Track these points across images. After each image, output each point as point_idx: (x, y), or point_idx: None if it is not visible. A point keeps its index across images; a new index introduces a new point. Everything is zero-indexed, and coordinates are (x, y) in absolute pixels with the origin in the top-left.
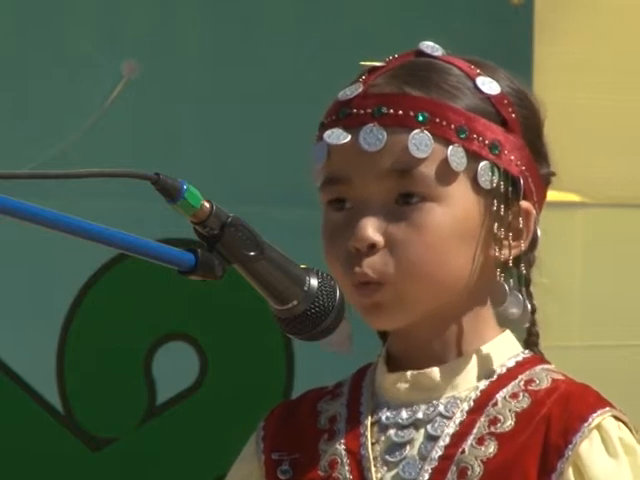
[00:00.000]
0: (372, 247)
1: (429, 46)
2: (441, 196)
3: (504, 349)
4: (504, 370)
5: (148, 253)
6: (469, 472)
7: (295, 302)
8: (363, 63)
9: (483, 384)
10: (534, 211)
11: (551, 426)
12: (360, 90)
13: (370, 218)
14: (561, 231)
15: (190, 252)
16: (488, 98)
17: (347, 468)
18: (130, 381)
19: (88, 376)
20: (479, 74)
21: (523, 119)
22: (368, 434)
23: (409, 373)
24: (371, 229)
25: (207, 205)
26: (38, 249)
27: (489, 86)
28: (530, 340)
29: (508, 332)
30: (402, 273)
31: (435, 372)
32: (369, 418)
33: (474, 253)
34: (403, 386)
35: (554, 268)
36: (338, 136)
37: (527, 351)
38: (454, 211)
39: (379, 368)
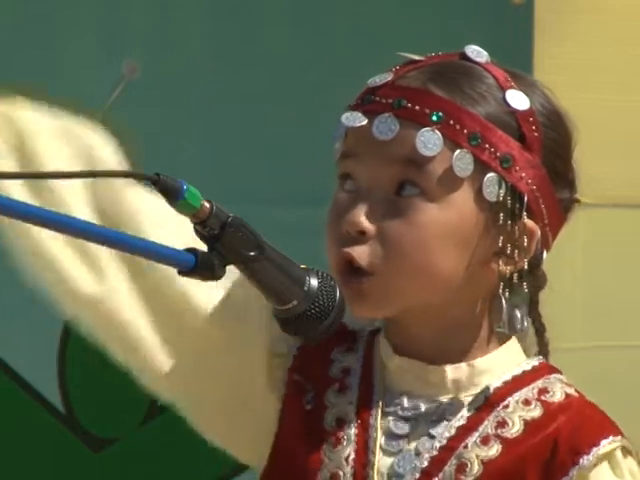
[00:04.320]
0: (362, 234)
1: (474, 50)
2: (441, 198)
3: (514, 355)
4: (519, 372)
5: (148, 253)
6: (467, 469)
7: (295, 302)
8: (401, 54)
9: (493, 386)
10: (538, 232)
11: (559, 443)
12: (389, 79)
13: (367, 205)
14: (561, 231)
15: (190, 252)
16: (513, 112)
17: (355, 431)
18: (131, 381)
19: (89, 376)
20: (512, 87)
21: (547, 140)
22: (380, 403)
23: (418, 364)
24: (364, 216)
25: (207, 205)
26: None
27: (518, 101)
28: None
29: (514, 339)
30: (389, 265)
31: (447, 371)
32: (381, 393)
33: (468, 260)
34: (409, 376)
35: (554, 268)
36: (354, 119)
37: (541, 357)
38: (450, 214)
39: (383, 346)
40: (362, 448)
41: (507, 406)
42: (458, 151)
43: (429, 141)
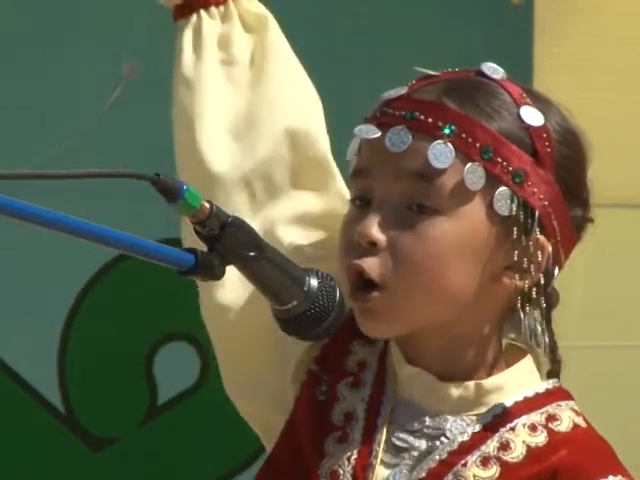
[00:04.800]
0: (373, 245)
1: (490, 67)
2: (452, 211)
3: (527, 375)
4: (532, 394)
5: (148, 253)
6: None
7: (295, 302)
8: (418, 69)
9: (503, 406)
10: (549, 248)
11: (558, 477)
12: (403, 92)
13: (379, 217)
14: None
15: (190, 252)
16: (527, 128)
17: (361, 431)
18: (131, 381)
19: (89, 376)
20: (527, 103)
21: (561, 157)
22: (389, 409)
23: (428, 377)
24: (375, 227)
25: (207, 205)
26: (38, 249)
27: (532, 117)
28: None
29: (528, 359)
30: (399, 278)
31: (453, 388)
32: (391, 399)
33: (479, 274)
34: (418, 387)
35: None
36: (368, 131)
37: (556, 380)
38: (462, 228)
39: (395, 353)
40: (366, 450)
41: (514, 428)
42: (470, 164)
43: (441, 153)
